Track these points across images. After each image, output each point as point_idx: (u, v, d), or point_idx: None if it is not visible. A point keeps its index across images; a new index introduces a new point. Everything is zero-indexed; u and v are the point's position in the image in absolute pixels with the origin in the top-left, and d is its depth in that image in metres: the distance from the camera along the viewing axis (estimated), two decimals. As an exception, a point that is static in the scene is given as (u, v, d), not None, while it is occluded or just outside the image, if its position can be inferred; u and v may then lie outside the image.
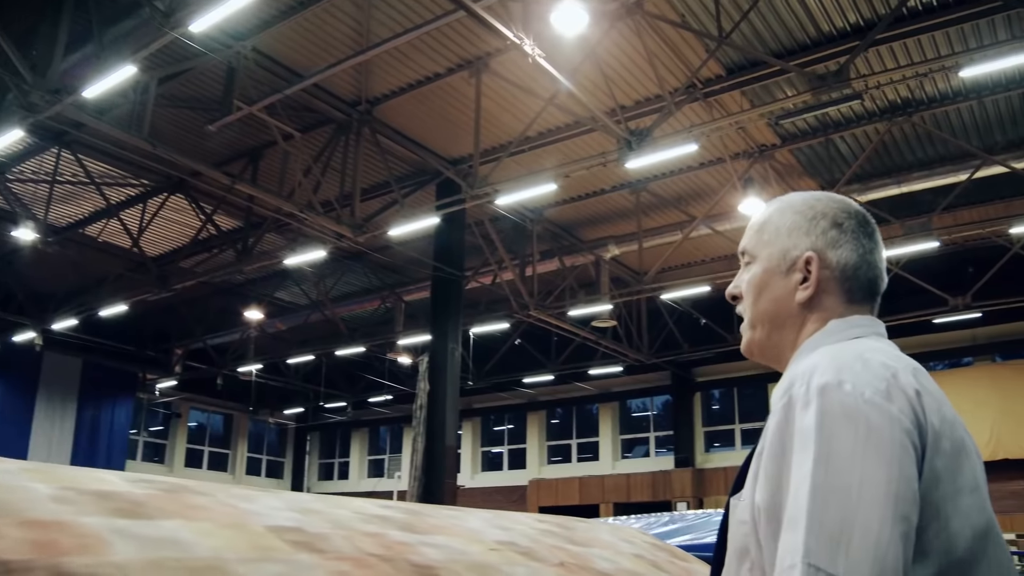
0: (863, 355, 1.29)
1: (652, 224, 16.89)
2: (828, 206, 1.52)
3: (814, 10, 11.00)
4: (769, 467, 1.26)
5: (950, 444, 1.25)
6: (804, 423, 1.21)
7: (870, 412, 1.19)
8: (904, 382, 1.25)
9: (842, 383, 1.22)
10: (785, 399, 1.28)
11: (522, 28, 9.69)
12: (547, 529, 1.61)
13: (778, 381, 1.40)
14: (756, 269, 1.55)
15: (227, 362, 23.53)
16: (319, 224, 13.72)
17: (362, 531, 1.11)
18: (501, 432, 28.60)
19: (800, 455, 1.19)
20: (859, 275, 1.47)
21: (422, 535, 1.21)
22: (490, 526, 1.45)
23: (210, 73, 12.16)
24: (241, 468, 29.87)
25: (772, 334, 1.52)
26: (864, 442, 1.16)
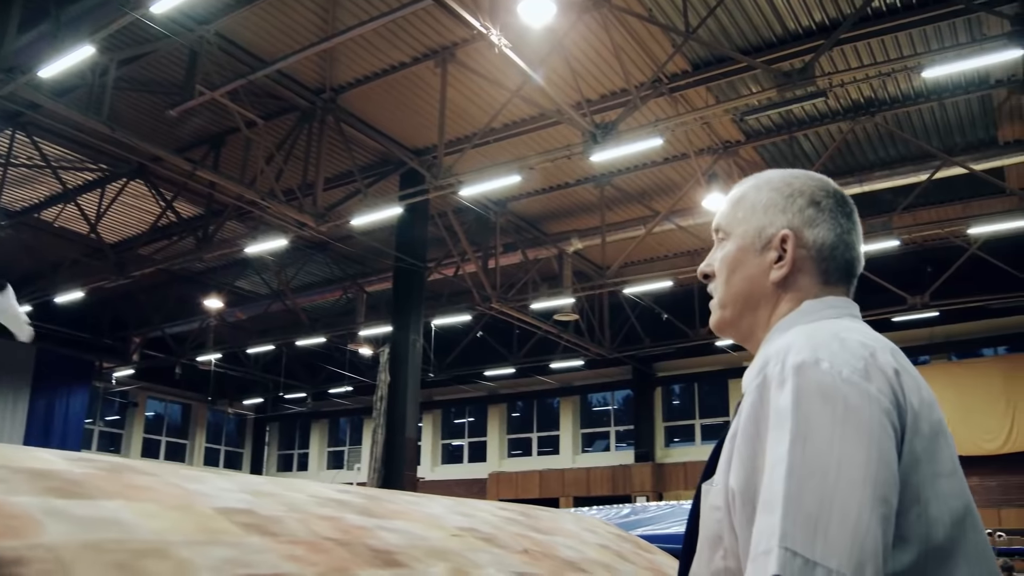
0: (840, 334, 1.25)
1: (616, 218, 16.91)
2: (806, 184, 1.48)
3: (780, 8, 11.05)
4: (743, 449, 1.23)
5: (928, 426, 1.22)
6: (780, 403, 1.17)
7: (848, 391, 1.15)
8: (882, 361, 1.22)
9: (819, 361, 1.18)
10: (759, 379, 1.24)
11: (489, 18, 9.63)
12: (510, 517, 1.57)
13: (740, 376, 1.37)
14: (730, 246, 1.50)
15: (186, 351, 23.23)
16: (281, 212, 13.57)
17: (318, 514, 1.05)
18: (462, 425, 28.56)
19: (776, 436, 1.15)
20: (836, 255, 1.43)
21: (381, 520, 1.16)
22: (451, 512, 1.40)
23: (172, 57, 11.96)
24: (199, 458, 29.54)
25: (744, 313, 1.48)
26: (842, 422, 1.12)
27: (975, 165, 13.12)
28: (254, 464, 31.70)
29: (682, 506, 5.28)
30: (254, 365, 25.98)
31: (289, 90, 12.83)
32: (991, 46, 9.36)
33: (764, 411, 1.20)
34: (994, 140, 13.97)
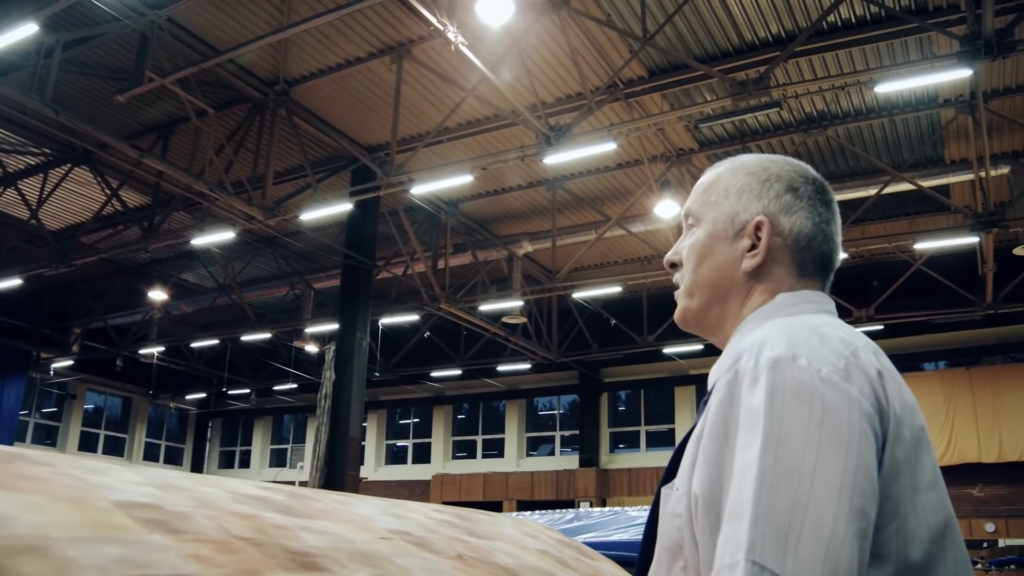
0: (819, 329, 1.17)
1: (567, 223, 16.91)
2: (784, 169, 1.39)
3: (738, 18, 11.11)
4: (710, 451, 1.14)
5: (910, 433, 1.13)
6: (752, 401, 1.08)
7: (826, 391, 1.06)
8: (864, 360, 1.13)
9: (796, 357, 1.09)
10: (730, 374, 1.14)
11: (446, 16, 9.55)
12: (446, 520, 1.48)
13: (686, 383, 1.29)
14: (700, 233, 1.41)
15: (128, 343, 22.76)
16: (229, 205, 13.35)
17: (232, 511, 0.97)
18: (407, 425, 28.39)
19: (746, 437, 1.06)
20: (813, 246, 1.34)
21: (303, 519, 1.08)
22: (382, 514, 1.32)
23: (121, 41, 11.70)
24: (139, 453, 28.98)
25: (712, 305, 1.38)
26: (819, 425, 1.03)
27: (922, 182, 13.32)
28: (195, 460, 31.22)
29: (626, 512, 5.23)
30: (198, 359, 25.58)
31: (242, 80, 12.63)
32: (941, 65, 9.48)
33: (734, 410, 1.11)
34: (941, 158, 14.22)
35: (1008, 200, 13.47)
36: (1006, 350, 19.63)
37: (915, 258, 15.66)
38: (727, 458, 1.10)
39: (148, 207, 15.94)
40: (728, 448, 1.10)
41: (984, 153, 12.19)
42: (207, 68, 11.62)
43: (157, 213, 15.58)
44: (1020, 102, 12.62)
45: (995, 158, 13.36)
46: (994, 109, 12.20)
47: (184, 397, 29.10)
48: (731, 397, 1.12)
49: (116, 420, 29.06)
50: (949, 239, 13.93)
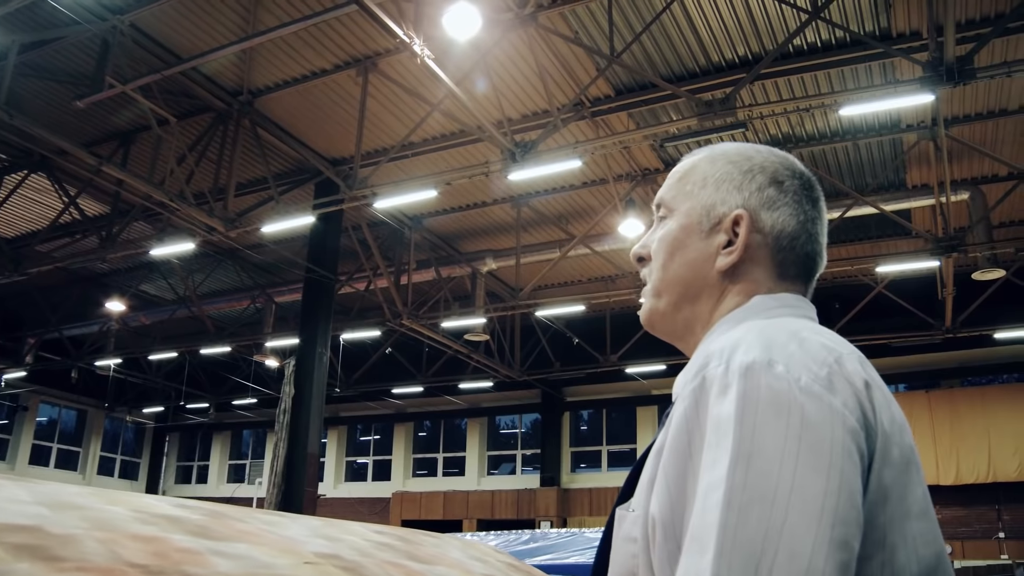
0: (799, 333, 1.04)
1: (531, 240, 16.88)
2: (768, 159, 1.26)
3: (705, 40, 11.17)
4: (671, 468, 1.01)
5: (900, 453, 1.01)
6: (721, 411, 0.96)
7: (806, 403, 0.94)
8: (850, 370, 1.01)
9: (772, 363, 0.97)
10: (696, 381, 1.02)
11: (413, 29, 9.48)
12: (385, 542, 1.38)
13: (648, 403, 1.18)
14: (672, 224, 1.28)
15: (84, 355, 22.34)
16: (190, 215, 13.14)
17: (132, 534, 0.87)
18: (367, 442, 28.15)
19: (713, 454, 0.94)
20: (796, 246, 1.22)
21: (217, 542, 0.98)
22: (313, 535, 1.22)
23: (82, 46, 11.49)
24: (93, 468, 28.40)
25: (681, 305, 1.25)
26: (797, 440, 0.91)
27: (885, 206, 13.43)
28: (151, 475, 30.71)
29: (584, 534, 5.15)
30: (156, 372, 25.18)
31: (205, 90, 12.47)
32: (904, 89, 9.55)
33: (699, 422, 0.99)
34: (903, 183, 14.35)
35: (967, 225, 13.61)
36: (964, 374, 19.83)
37: (877, 281, 15.77)
38: (690, 477, 0.98)
39: (107, 216, 15.69)
40: (692, 465, 0.98)
41: (945, 179, 12.32)
42: (170, 76, 11.48)
43: (116, 222, 15.34)
44: (979, 129, 12.78)
45: (955, 184, 13.52)
46: (954, 136, 12.33)
47: (141, 410, 28.65)
48: (697, 407, 1.00)
49: (70, 433, 28.46)
50: (910, 263, 14.07)
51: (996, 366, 19.48)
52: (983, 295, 15.06)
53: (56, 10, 10.04)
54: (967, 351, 18.53)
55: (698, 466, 0.96)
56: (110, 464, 29.49)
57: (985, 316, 15.74)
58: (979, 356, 18.95)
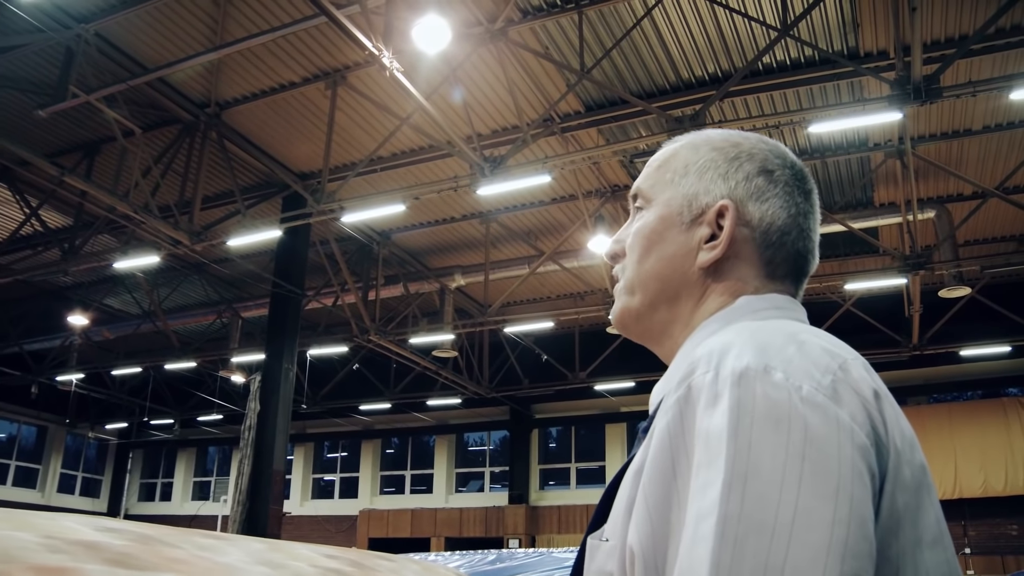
0: (797, 336, 0.92)
1: (500, 256, 16.82)
2: (757, 146, 1.15)
3: (675, 56, 11.21)
4: (652, 492, 0.88)
5: (911, 473, 0.89)
6: (710, 425, 0.83)
7: (809, 415, 0.81)
8: (856, 377, 0.88)
9: (769, 369, 0.85)
10: (681, 390, 0.89)
11: (382, 42, 9.41)
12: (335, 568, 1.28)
13: (618, 421, 1.06)
14: (649, 216, 1.16)
15: (45, 370, 21.97)
16: (155, 228, 12.96)
17: (37, 564, 0.78)
18: (334, 459, 27.87)
19: (702, 475, 0.82)
20: (786, 241, 1.10)
21: (139, 571, 0.88)
22: (255, 562, 1.11)
23: (45, 54, 11.33)
24: (53, 485, 27.78)
25: (657, 305, 1.13)
26: (799, 460, 0.79)
27: (853, 223, 13.49)
28: (113, 493, 30.18)
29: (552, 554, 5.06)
30: (119, 388, 24.81)
31: (172, 101, 12.33)
32: (873, 107, 9.61)
33: (685, 438, 0.87)
34: (870, 201, 14.46)
35: (934, 243, 13.72)
36: (930, 391, 19.95)
37: (845, 299, 15.86)
38: (675, 502, 0.86)
39: (70, 228, 15.47)
40: (676, 488, 0.86)
41: (912, 197, 12.42)
42: (136, 86, 11.36)
43: (79, 235, 15.12)
44: (945, 149, 12.91)
45: (922, 202, 13.64)
46: (921, 155, 12.44)
47: (104, 427, 28.18)
48: (682, 420, 0.88)
49: (29, 450, 27.82)
50: (878, 280, 14.16)
51: (962, 383, 19.63)
52: (949, 312, 15.19)
53: (18, 17, 9.87)
54: (934, 368, 18.67)
55: (684, 489, 0.85)
56: (71, 482, 28.93)
57: (951, 333, 15.90)
58: (945, 373, 19.10)
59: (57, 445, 28.06)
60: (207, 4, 10.54)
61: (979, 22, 10.03)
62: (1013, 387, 19.38)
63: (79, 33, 10.56)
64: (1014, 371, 18.65)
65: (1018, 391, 19.23)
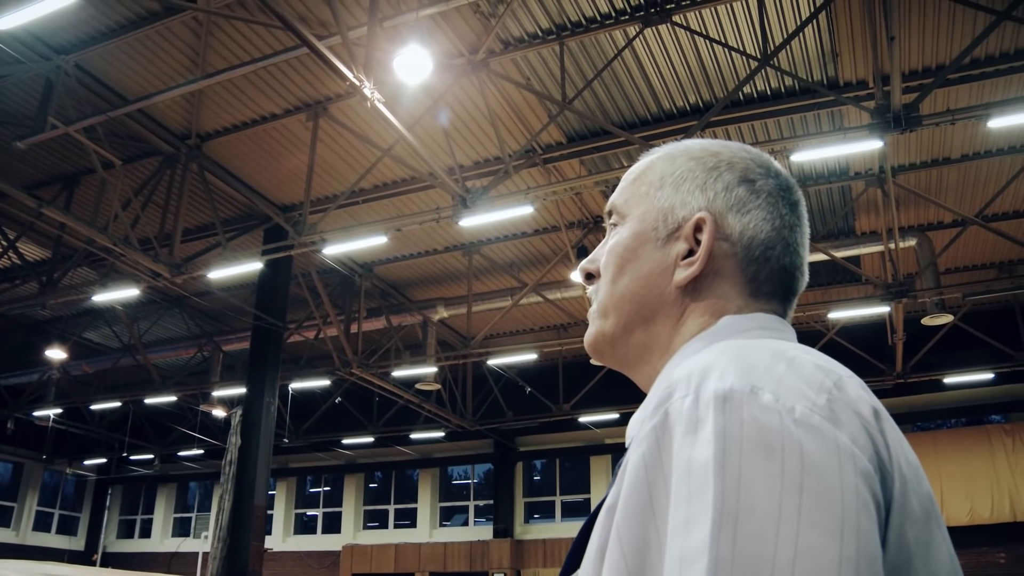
0: (785, 353, 0.83)
1: (483, 288, 16.79)
2: (738, 155, 1.07)
3: (656, 88, 11.27)
4: (627, 531, 0.79)
5: (919, 503, 0.80)
6: (693, 456, 0.74)
7: (805, 440, 0.72)
8: (854, 396, 0.79)
9: (756, 390, 0.76)
10: (657, 417, 0.80)
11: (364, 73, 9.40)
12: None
13: (603, 452, 0.96)
14: (623, 232, 1.08)
15: (22, 405, 21.73)
16: (135, 260, 12.85)
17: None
18: (316, 494, 27.61)
19: (686, 510, 0.73)
20: (770, 256, 1.01)
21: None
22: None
23: (24, 85, 11.25)
24: (28, 523, 27.28)
25: (632, 328, 1.05)
26: (797, 492, 0.70)
27: (835, 252, 13.53)
28: (91, 530, 29.74)
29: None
30: (98, 423, 24.53)
31: (152, 133, 12.26)
32: (854, 136, 9.66)
33: (663, 469, 0.77)
34: (852, 230, 14.52)
35: (916, 271, 13.77)
36: (914, 419, 19.95)
37: (828, 328, 15.87)
38: (653, 543, 0.77)
39: (48, 261, 15.33)
40: (655, 528, 0.77)
41: (893, 225, 12.46)
42: (116, 118, 11.30)
43: (57, 267, 14.99)
44: (925, 177, 12.99)
45: (903, 231, 13.71)
46: (901, 183, 12.50)
47: (82, 462, 27.81)
48: (659, 451, 0.78)
49: (4, 487, 27.30)
50: (860, 309, 14.18)
51: (946, 411, 19.66)
52: (932, 340, 15.23)
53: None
54: (918, 396, 18.70)
55: (663, 528, 0.76)
56: (47, 519, 28.45)
57: (935, 361, 15.94)
58: (929, 401, 19.13)
59: (33, 482, 27.63)
60: (188, 35, 10.52)
61: (955, 52, 10.14)
62: (997, 414, 19.42)
63: (59, 64, 10.50)
64: (997, 398, 18.72)
65: (1002, 418, 19.26)
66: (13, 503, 27.10)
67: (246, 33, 10.41)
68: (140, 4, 9.94)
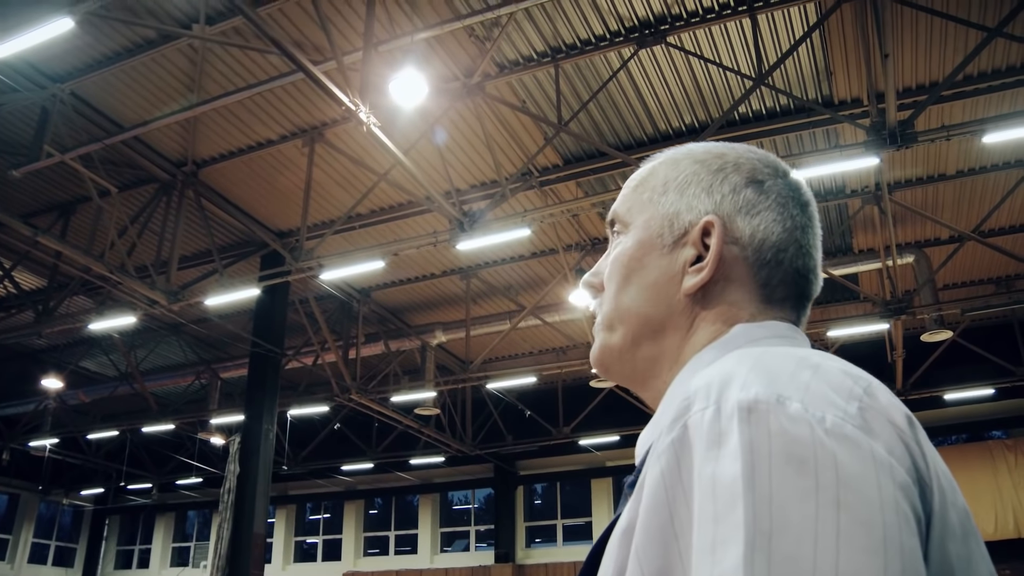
0: (809, 359, 0.77)
1: (481, 312, 16.76)
2: (744, 156, 1.03)
3: (652, 108, 11.30)
4: (647, 555, 0.74)
5: (958, 518, 0.75)
6: (718, 472, 0.69)
7: (839, 452, 0.67)
8: (886, 403, 0.74)
9: (783, 400, 0.70)
10: (676, 431, 0.75)
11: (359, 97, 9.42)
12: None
13: (604, 475, 0.89)
14: (627, 241, 1.04)
15: (17, 435, 21.59)
16: (131, 288, 12.83)
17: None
18: (316, 521, 27.43)
19: (712, 532, 0.67)
20: (782, 259, 0.97)
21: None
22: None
23: (20, 114, 11.26)
24: (24, 556, 26.93)
25: (640, 340, 1.00)
26: (834, 507, 0.64)
27: (833, 270, 13.52)
28: (88, 562, 29.46)
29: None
30: (95, 452, 24.39)
31: (148, 160, 12.27)
32: (850, 153, 9.68)
33: (684, 488, 0.72)
34: (849, 247, 14.52)
35: (914, 288, 13.76)
36: (915, 438, 19.86)
37: (828, 346, 15.83)
38: (677, 567, 0.72)
39: (44, 289, 15.27)
40: (678, 551, 0.71)
41: (890, 242, 12.46)
42: (112, 145, 11.31)
43: (53, 296, 14.94)
44: (921, 193, 13.01)
45: (900, 248, 13.71)
46: (898, 200, 12.51)
47: (79, 493, 27.64)
48: (678, 467, 0.73)
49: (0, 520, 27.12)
50: (860, 327, 14.16)
51: (947, 427, 19.57)
52: (932, 357, 15.20)
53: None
54: (918, 413, 18.13)
55: (687, 551, 0.70)
56: (43, 551, 28.13)
57: (935, 378, 15.92)
58: (930, 417, 19.03)
59: (29, 513, 27.38)
60: (183, 62, 10.54)
61: (948, 69, 10.17)
62: (998, 430, 19.34)
63: (55, 93, 10.52)
64: (998, 413, 18.66)
65: (1003, 434, 19.19)
66: (8, 535, 26.77)
67: (241, 59, 10.44)
68: (135, 32, 9.96)
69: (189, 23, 9.64)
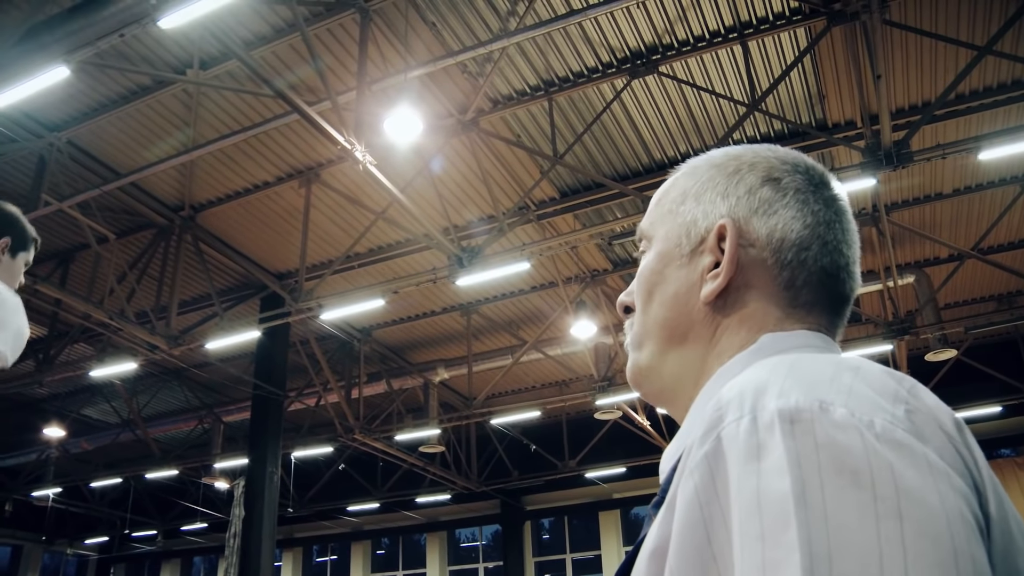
0: (846, 362, 0.73)
1: (482, 348, 16.72)
2: (762, 155, 0.99)
3: (646, 139, 11.33)
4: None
5: (1017, 527, 0.70)
6: (763, 488, 0.63)
7: (895, 460, 0.62)
8: (932, 404, 0.70)
9: (826, 407, 0.65)
10: (709, 444, 0.70)
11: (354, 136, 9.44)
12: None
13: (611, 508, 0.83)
14: (649, 256, 1.02)
15: (20, 486, 21.45)
16: (131, 334, 12.77)
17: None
18: (324, 563, 27.19)
19: (761, 553, 0.61)
20: (805, 258, 0.91)
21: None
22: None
23: (17, 164, 11.28)
24: (29, 607, 26.84)
25: (667, 355, 0.96)
26: (896, 519, 0.59)
27: (832, 293, 13.47)
28: (95, 611, 29.24)
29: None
30: (99, 500, 24.23)
31: (145, 205, 12.28)
32: (847, 175, 9.66)
33: (721, 504, 0.67)
34: (850, 271, 14.46)
35: (916, 308, 13.73)
36: (923, 460, 19.75)
37: (831, 370, 15.78)
38: None
39: (44, 338, 15.23)
40: (718, 570, 0.67)
41: (890, 263, 12.44)
42: (109, 192, 11.33)
43: (54, 344, 14.90)
44: (919, 213, 13.01)
45: (900, 268, 13.68)
46: (896, 221, 12.52)
47: (83, 542, 27.43)
48: (713, 482, 0.68)
49: (3, 571, 26.77)
50: (863, 349, 14.07)
51: (954, 449, 19.45)
52: (937, 376, 15.14)
53: (-12, 127, 9.87)
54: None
55: (728, 572, 0.66)
56: (49, 603, 27.96)
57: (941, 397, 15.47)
58: (937, 440, 18.95)
59: (33, 564, 27.12)
60: (177, 107, 10.57)
61: (940, 88, 10.22)
62: (1006, 448, 19.20)
63: (51, 142, 10.55)
64: (1006, 431, 18.51)
65: (1012, 452, 19.05)
66: (12, 587, 26.65)
67: (236, 102, 10.48)
68: (129, 78, 10.00)
69: (183, 68, 9.68)
